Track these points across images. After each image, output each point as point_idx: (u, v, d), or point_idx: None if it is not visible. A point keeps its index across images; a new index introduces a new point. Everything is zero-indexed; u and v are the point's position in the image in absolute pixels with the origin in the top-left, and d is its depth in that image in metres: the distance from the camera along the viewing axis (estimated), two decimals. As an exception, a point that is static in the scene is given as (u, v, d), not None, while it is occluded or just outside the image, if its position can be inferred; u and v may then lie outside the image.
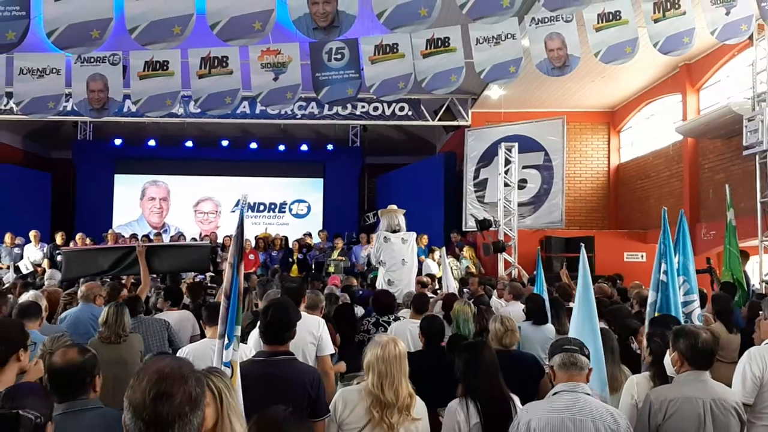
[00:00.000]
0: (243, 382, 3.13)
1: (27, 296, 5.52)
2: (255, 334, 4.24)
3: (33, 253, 12.42)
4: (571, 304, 6.78)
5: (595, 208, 14.24)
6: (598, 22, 7.11)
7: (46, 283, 8.04)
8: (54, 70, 7.45)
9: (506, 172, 12.16)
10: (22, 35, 5.74)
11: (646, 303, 6.15)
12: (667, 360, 3.29)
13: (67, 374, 2.57)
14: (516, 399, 3.39)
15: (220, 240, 14.07)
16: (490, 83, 10.72)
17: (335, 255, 13.11)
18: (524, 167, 12.63)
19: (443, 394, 3.60)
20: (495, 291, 8.15)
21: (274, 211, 18.23)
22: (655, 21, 7.00)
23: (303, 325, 4.45)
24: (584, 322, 4.21)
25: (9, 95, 8.07)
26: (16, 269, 11.60)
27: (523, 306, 6.08)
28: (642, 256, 12.18)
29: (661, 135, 12.52)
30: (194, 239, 13.93)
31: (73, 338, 3.90)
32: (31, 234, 12.63)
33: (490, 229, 11.88)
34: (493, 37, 7.25)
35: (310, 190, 18.42)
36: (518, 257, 11.95)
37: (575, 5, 6.15)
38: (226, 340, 2.75)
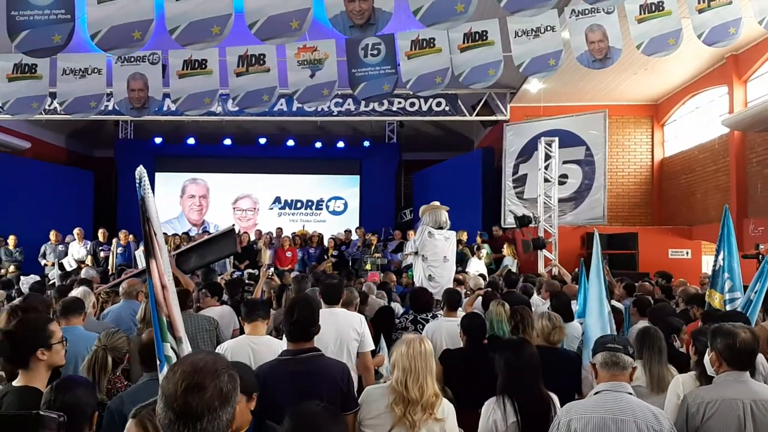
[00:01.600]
0: (272, 381, 3.14)
1: (75, 292, 5.65)
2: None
3: (77, 250, 12.73)
4: (613, 302, 6.71)
5: (638, 203, 13.93)
6: (641, 14, 6.94)
7: (83, 276, 8.21)
8: (95, 70, 7.60)
9: (546, 168, 11.97)
10: (68, 38, 5.86)
11: (692, 301, 6.02)
12: (707, 360, 3.19)
13: (150, 349, 2.83)
14: (555, 398, 3.33)
15: (255, 236, 14.23)
16: (529, 77, 10.56)
17: (372, 252, 13.13)
18: (565, 162, 12.42)
19: (485, 393, 3.55)
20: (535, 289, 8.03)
21: (311, 209, 18.34)
22: (700, 11, 6.78)
23: (346, 322, 4.47)
24: (593, 305, 4.26)
25: (53, 95, 8.25)
26: (60, 266, 11.89)
27: (557, 304, 6.00)
28: (687, 253, 11.89)
29: (707, 128, 12.17)
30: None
31: (117, 334, 3.95)
32: (75, 231, 12.95)
33: (530, 225, 11.72)
34: (532, 29, 7.15)
35: (346, 187, 18.46)
36: (559, 254, 11.76)
37: (617, -4, 6.02)
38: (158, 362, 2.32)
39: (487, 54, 7.09)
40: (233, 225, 7.95)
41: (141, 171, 1.99)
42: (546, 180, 11.99)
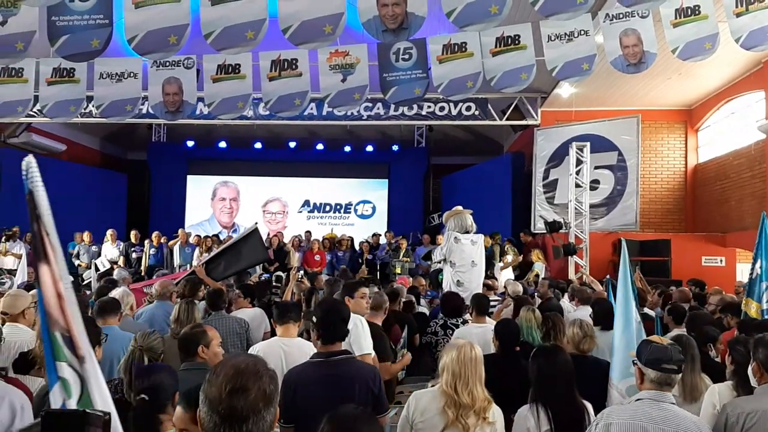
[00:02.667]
0: (304, 383, 3.16)
1: (114, 293, 5.75)
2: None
3: (110, 251, 12.95)
4: (646, 309, 6.61)
5: (671, 210, 13.69)
6: (676, 18, 6.85)
7: (115, 277, 8.34)
8: (132, 75, 7.75)
9: (578, 173, 11.85)
10: (106, 42, 5.98)
11: (727, 309, 5.90)
12: (749, 370, 3.14)
13: (187, 340, 3.59)
14: (589, 407, 3.30)
15: (286, 239, 14.32)
16: (561, 81, 10.49)
17: (401, 256, 13.14)
18: (596, 167, 12.27)
19: (516, 400, 3.53)
20: (566, 295, 7.95)
21: (339, 212, 18.41)
22: (737, 15, 6.66)
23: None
24: (622, 313, 4.17)
25: (89, 99, 8.43)
26: (94, 267, 12.11)
27: (590, 311, 5.93)
28: (721, 261, 11.66)
29: (742, 134, 11.92)
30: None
31: (151, 335, 4.01)
32: (108, 233, 13.18)
33: (561, 231, 11.61)
34: (565, 34, 7.11)
35: (375, 191, 18.50)
36: (590, 261, 11.63)
37: (652, 1, 5.93)
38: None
39: (519, 58, 7.07)
40: (255, 224, 7.99)
41: (29, 161, 1.79)
42: (577, 185, 11.86)
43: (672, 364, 2.81)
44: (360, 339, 4.33)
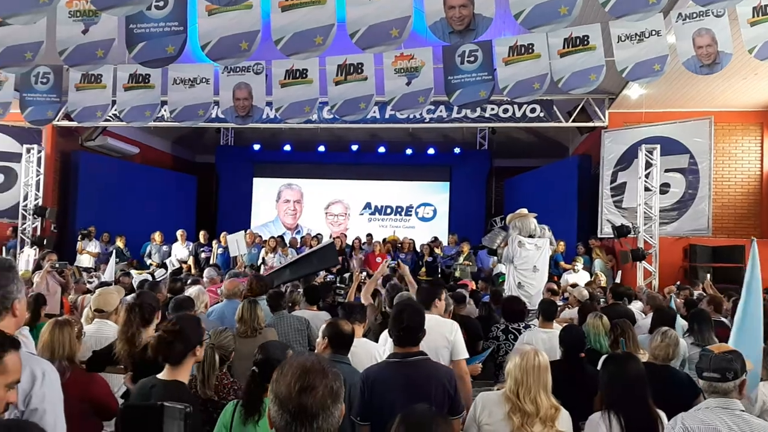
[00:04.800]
0: (382, 383, 3.19)
1: (189, 291, 5.96)
2: (386, 334, 4.30)
3: (180, 251, 13.38)
4: (721, 317, 6.37)
5: (745, 215, 13.10)
6: (754, 16, 6.57)
7: (205, 279, 8.63)
8: (204, 80, 8.01)
9: (647, 176, 11.52)
10: (180, 49, 6.20)
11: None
12: None
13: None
14: (663, 416, 3.21)
15: (348, 241, 14.48)
16: (630, 82, 10.22)
17: (462, 260, 13.07)
18: (667, 170, 11.88)
19: (582, 407, 3.47)
20: (635, 301, 7.76)
21: (400, 214, 18.45)
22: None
23: (437, 328, 4.47)
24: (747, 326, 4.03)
25: (163, 104, 8.75)
26: (164, 266, 12.54)
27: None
28: (800, 268, 11.09)
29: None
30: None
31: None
32: (178, 233, 13.62)
33: (629, 236, 11.30)
34: (636, 34, 6.94)
35: (436, 194, 18.46)
36: (659, 266, 11.27)
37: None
38: None
39: (588, 59, 6.94)
40: (332, 240, 8.13)
41: None
42: (647, 189, 11.53)
43: (712, 372, 2.87)
44: (458, 344, 4.36)
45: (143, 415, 1.91)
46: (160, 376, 2.98)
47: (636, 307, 7.40)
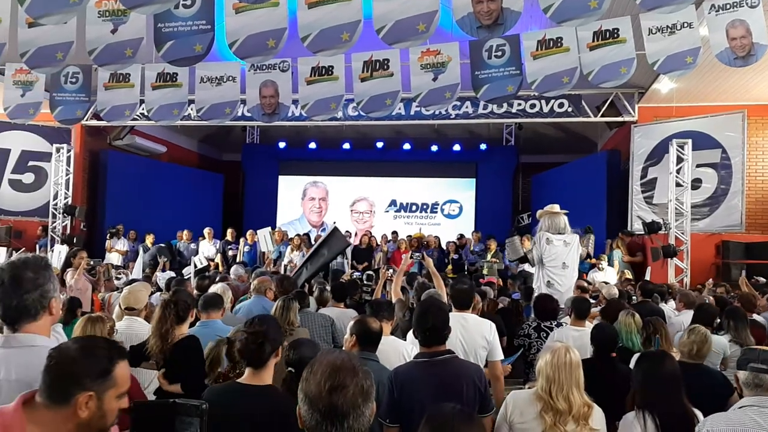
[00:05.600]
0: (411, 383, 3.16)
1: (214, 288, 5.99)
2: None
3: (207, 248, 13.50)
4: (755, 315, 6.23)
5: (780, 210, 12.81)
6: (790, 5, 6.41)
7: (233, 276, 8.69)
8: (230, 78, 8.03)
9: (678, 171, 11.30)
10: (208, 47, 6.22)
11: None
12: None
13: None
14: (700, 415, 3.14)
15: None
16: (661, 75, 10.03)
17: (489, 257, 12.96)
18: (698, 166, 11.64)
19: (614, 406, 3.41)
20: (668, 299, 7.62)
21: (425, 211, 18.39)
22: None
23: (476, 329, 4.42)
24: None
25: (191, 102, 8.81)
26: (193, 264, 12.64)
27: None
28: (836, 264, 10.81)
29: None
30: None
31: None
32: (205, 231, 13.75)
33: (660, 232, 11.11)
34: (667, 26, 6.79)
35: (462, 191, 18.36)
36: (691, 263, 11.07)
37: (765, -11, 5.58)
38: None
39: (618, 52, 6.83)
40: (334, 224, 8.15)
41: None
42: (678, 184, 11.32)
43: (760, 363, 2.78)
44: (496, 345, 4.34)
45: (154, 412, 1.88)
46: (245, 380, 2.85)
47: (670, 305, 7.27)
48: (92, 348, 1.84)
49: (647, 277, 10.51)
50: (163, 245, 13.20)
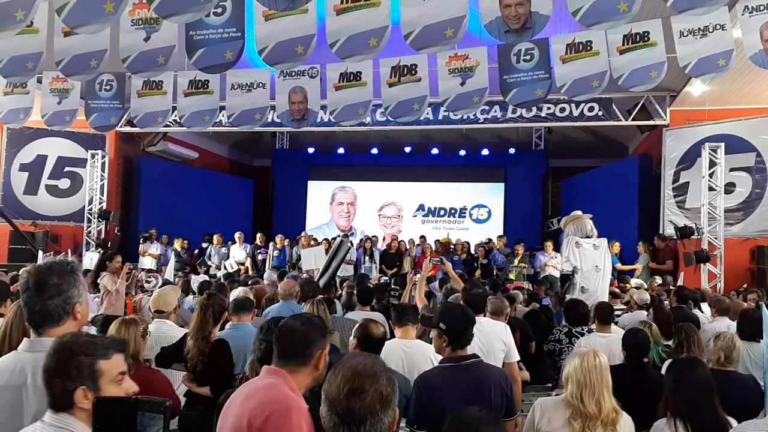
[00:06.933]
0: (439, 387, 3.16)
1: (237, 292, 6.05)
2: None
3: (237, 253, 13.66)
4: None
5: (817, 214, 12.49)
6: (826, 6, 6.27)
7: (266, 281, 8.78)
8: (260, 85, 8.15)
9: (711, 175, 11.11)
10: (238, 54, 6.32)
11: None
12: None
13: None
14: (733, 422, 3.09)
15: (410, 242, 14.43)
16: (693, 78, 9.88)
17: (516, 262, 12.87)
18: (732, 169, 11.42)
19: (643, 414, 3.37)
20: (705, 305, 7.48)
21: (454, 216, 18.32)
22: None
23: (492, 332, 4.42)
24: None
25: (221, 109, 8.95)
26: (223, 267, 12.82)
27: (729, 322, 5.53)
28: None
29: None
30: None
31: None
32: (236, 235, 13.90)
33: (692, 237, 10.93)
34: (699, 29, 6.70)
35: (490, 195, 18.25)
36: (724, 269, 10.86)
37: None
38: None
39: (649, 55, 6.75)
40: (340, 237, 8.24)
41: None
42: (711, 188, 11.12)
43: None
44: (512, 347, 4.35)
45: (116, 409, 1.91)
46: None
47: (706, 312, 7.13)
48: (311, 321, 2.44)
49: (680, 283, 10.34)
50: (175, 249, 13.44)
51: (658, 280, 10.63)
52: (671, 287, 9.34)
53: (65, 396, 1.91)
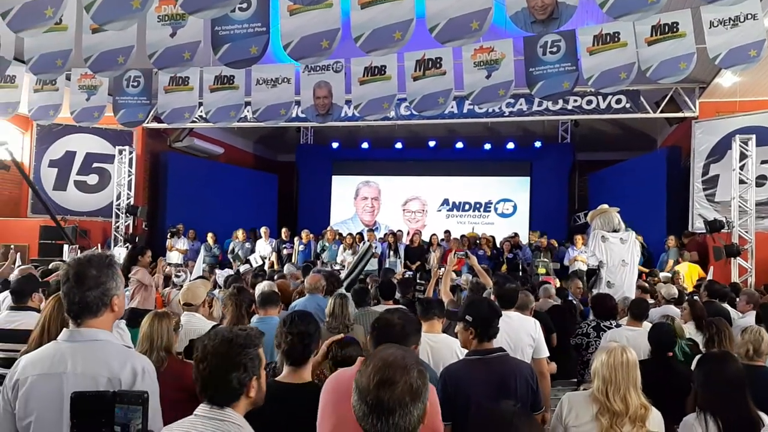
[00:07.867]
0: (465, 380, 3.16)
1: (263, 285, 6.10)
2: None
3: (263, 247, 13.75)
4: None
5: None
6: None
7: (286, 273, 8.84)
8: (285, 80, 8.17)
9: (741, 168, 10.89)
10: (263, 49, 6.33)
11: None
12: None
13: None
14: (766, 419, 3.03)
15: (425, 238, 14.41)
16: (723, 70, 9.69)
17: (541, 256, 12.78)
18: (763, 162, 11.19)
19: (671, 409, 3.33)
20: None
21: (479, 211, 18.25)
22: None
23: (521, 327, 4.40)
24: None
25: (247, 104, 8.99)
26: (247, 262, 12.91)
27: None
28: None
29: None
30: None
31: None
32: (261, 230, 14.00)
33: (722, 231, 10.74)
34: (730, 19, 6.55)
35: (516, 189, 18.15)
36: (755, 263, 10.65)
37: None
38: None
39: (678, 46, 6.63)
40: (368, 244, 8.29)
41: None
42: (741, 181, 10.91)
43: None
44: (542, 342, 4.34)
45: (94, 403, 1.93)
46: (285, 379, 2.87)
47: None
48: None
49: (710, 277, 10.18)
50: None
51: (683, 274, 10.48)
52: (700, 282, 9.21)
53: (240, 389, 2.04)
